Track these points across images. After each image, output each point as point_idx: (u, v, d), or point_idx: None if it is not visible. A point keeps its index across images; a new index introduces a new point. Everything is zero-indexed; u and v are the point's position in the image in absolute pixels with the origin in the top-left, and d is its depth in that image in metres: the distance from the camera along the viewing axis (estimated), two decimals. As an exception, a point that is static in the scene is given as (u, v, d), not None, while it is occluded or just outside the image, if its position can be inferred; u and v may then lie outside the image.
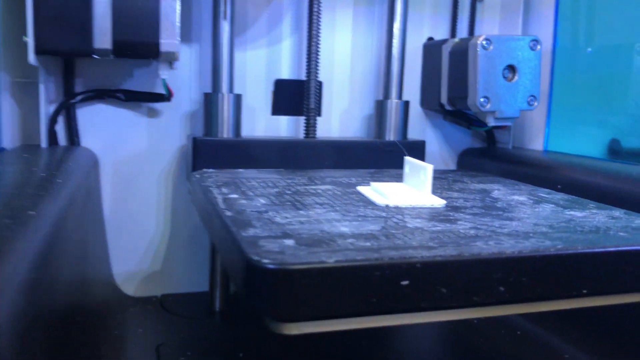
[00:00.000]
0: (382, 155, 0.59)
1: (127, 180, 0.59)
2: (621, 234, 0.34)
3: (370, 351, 0.49)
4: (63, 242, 0.34)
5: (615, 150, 0.63)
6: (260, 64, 0.61)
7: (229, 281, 0.58)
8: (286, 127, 0.63)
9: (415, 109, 0.67)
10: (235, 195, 0.40)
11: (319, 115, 0.63)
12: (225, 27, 0.55)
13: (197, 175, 0.48)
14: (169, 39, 0.51)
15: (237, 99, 0.57)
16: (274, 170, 0.53)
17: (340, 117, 0.65)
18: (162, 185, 0.59)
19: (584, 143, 0.67)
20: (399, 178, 0.46)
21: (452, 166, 0.69)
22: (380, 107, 0.63)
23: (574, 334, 0.51)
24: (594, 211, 0.40)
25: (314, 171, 0.53)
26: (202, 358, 0.48)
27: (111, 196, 0.58)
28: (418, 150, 0.61)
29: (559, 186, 0.55)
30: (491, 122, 0.59)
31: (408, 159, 0.44)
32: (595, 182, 0.52)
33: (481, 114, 0.59)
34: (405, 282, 0.27)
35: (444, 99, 0.62)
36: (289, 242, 0.29)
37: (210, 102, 0.56)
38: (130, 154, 0.58)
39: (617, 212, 0.40)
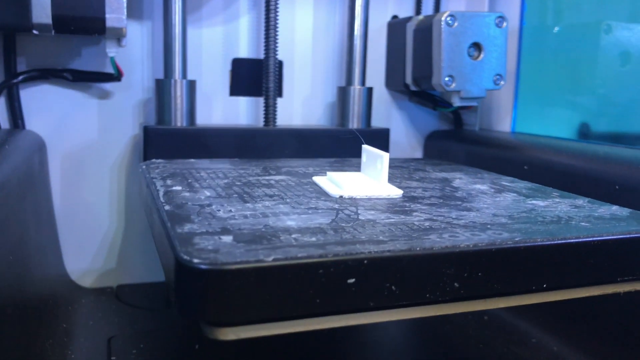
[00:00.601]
0: (345, 143, 0.56)
1: (78, 167, 0.55)
2: (583, 224, 0.32)
3: (329, 350, 0.47)
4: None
5: (585, 134, 0.62)
6: (217, 42, 0.58)
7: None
8: (245, 114, 0.59)
9: (380, 90, 0.64)
10: (178, 188, 0.37)
11: (280, 96, 0.60)
12: (177, 3, 0.52)
13: (144, 166, 0.44)
14: (115, 13, 0.47)
15: (191, 85, 0.53)
16: (228, 160, 0.49)
17: (302, 103, 0.61)
18: (115, 172, 0.56)
19: (552, 125, 0.65)
20: (359, 167, 0.43)
21: (419, 150, 0.67)
22: (343, 94, 0.60)
23: (540, 318, 0.50)
24: (557, 200, 0.38)
25: (270, 161, 0.50)
26: (155, 351, 0.46)
27: (61, 183, 0.55)
28: (382, 138, 0.58)
29: (525, 167, 0.54)
30: (457, 102, 0.57)
31: (366, 147, 0.42)
32: (562, 162, 0.50)
33: (446, 94, 0.57)
34: (351, 280, 0.25)
35: (408, 79, 0.60)
36: (227, 238, 0.26)
37: (162, 88, 0.53)
38: (80, 139, 0.55)
39: (581, 201, 0.38)
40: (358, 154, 0.54)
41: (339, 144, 0.56)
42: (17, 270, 0.38)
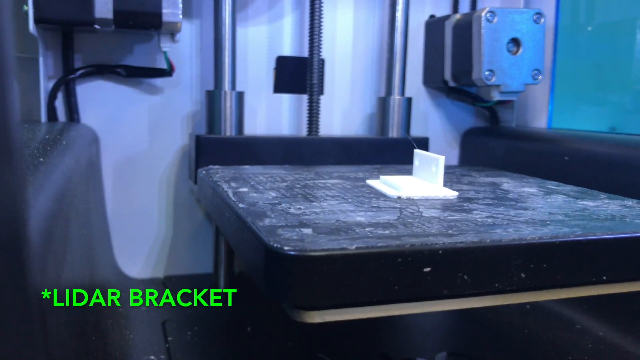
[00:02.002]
0: (386, 151, 0.57)
1: (129, 162, 0.56)
2: (637, 221, 0.32)
3: (380, 336, 0.47)
4: (72, 197, 0.33)
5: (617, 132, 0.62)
6: (262, 40, 0.58)
7: (233, 262, 0.56)
8: (288, 112, 0.60)
9: (419, 88, 0.65)
10: (245, 189, 0.38)
11: (322, 93, 0.61)
12: (227, 2, 0.53)
13: (204, 172, 0.46)
14: (171, 8, 0.49)
15: (240, 96, 0.54)
16: (279, 166, 0.50)
17: (342, 114, 0.62)
18: (166, 168, 0.58)
19: (588, 122, 0.66)
20: (405, 173, 0.43)
21: (456, 147, 0.67)
22: (383, 105, 0.60)
23: (584, 305, 0.50)
24: (606, 201, 0.38)
25: (319, 167, 0.50)
26: (210, 332, 0.47)
27: (113, 174, 0.57)
28: (422, 146, 0.58)
29: (566, 158, 0.54)
30: (496, 96, 0.57)
31: (418, 151, 0.42)
32: (603, 152, 0.51)
33: (486, 89, 0.57)
34: (427, 269, 0.26)
35: (447, 75, 0.60)
36: (307, 230, 0.27)
37: (212, 99, 0.53)
38: (131, 134, 0.56)
39: (630, 202, 0.38)
40: (399, 162, 0.55)
41: (380, 152, 0.57)
42: (87, 250, 0.40)
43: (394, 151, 0.56)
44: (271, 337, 0.45)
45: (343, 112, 0.62)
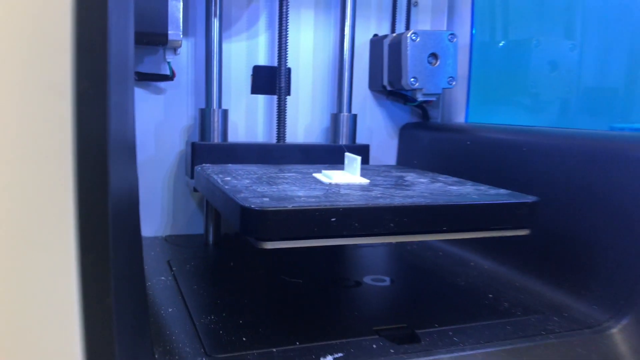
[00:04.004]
0: (336, 155, 0.71)
1: (141, 163, 0.69)
2: (473, 196, 0.47)
3: (319, 261, 0.63)
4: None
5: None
6: (242, 53, 0.74)
7: (219, 227, 0.72)
8: (262, 110, 0.75)
9: (366, 91, 0.81)
10: (228, 178, 0.52)
11: (289, 94, 0.77)
12: (215, 24, 0.69)
13: (199, 168, 0.61)
14: (174, 30, 0.64)
15: (224, 113, 0.69)
16: (254, 164, 0.65)
17: (305, 126, 0.77)
18: (169, 167, 0.72)
19: (495, 117, 0.83)
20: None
21: (395, 137, 0.83)
22: (335, 119, 0.75)
23: (477, 249, 0.66)
24: (467, 186, 0.52)
25: (283, 165, 0.65)
26: (204, 265, 0.62)
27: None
28: (364, 151, 0.73)
29: (468, 142, 0.70)
30: (419, 97, 0.73)
31: (346, 153, 0.57)
32: (498, 137, 0.67)
33: (412, 91, 0.74)
34: (333, 219, 0.40)
35: (385, 81, 0.77)
36: (265, 199, 0.42)
37: (204, 116, 0.68)
38: (141, 143, 0.69)
39: (483, 187, 0.52)
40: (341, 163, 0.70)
41: (332, 156, 0.71)
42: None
43: (342, 155, 0.72)
44: (246, 268, 0.61)
45: (305, 125, 0.77)
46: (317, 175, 0.56)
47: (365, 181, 0.53)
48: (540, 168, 0.56)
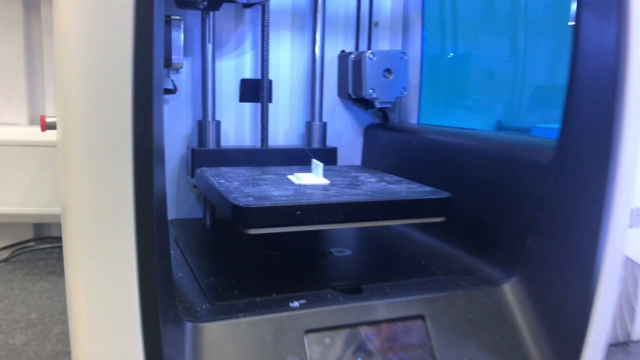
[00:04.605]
0: (309, 157, 0.85)
1: None
2: (403, 193, 0.63)
3: (297, 244, 0.79)
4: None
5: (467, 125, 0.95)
6: (231, 68, 0.90)
7: (214, 213, 0.88)
8: (249, 114, 0.90)
9: (335, 97, 0.97)
10: (222, 181, 0.67)
11: (270, 101, 0.93)
12: (209, 47, 0.84)
13: (199, 171, 0.75)
14: (176, 55, 0.80)
15: (217, 124, 0.83)
16: (243, 167, 0.79)
17: (284, 132, 0.92)
18: (173, 168, 0.87)
19: (443, 118, 0.99)
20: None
21: (360, 136, 0.99)
22: (309, 126, 0.90)
23: (421, 228, 0.82)
24: (403, 185, 0.67)
25: (267, 167, 0.79)
26: (203, 242, 0.78)
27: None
28: (332, 154, 0.89)
29: (414, 142, 0.86)
30: (377, 104, 0.89)
31: (314, 160, 0.72)
32: (435, 138, 0.83)
33: (371, 100, 0.90)
34: (298, 212, 0.56)
35: (350, 90, 0.92)
36: (250, 198, 0.57)
37: (201, 126, 0.83)
38: None
39: (414, 185, 0.67)
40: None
41: (307, 157, 0.86)
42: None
43: (315, 156, 0.87)
44: (236, 244, 0.77)
45: (285, 130, 0.92)
46: (290, 177, 0.71)
47: (326, 182, 0.68)
48: (462, 166, 0.73)
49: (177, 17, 0.78)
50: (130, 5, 0.39)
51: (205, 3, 0.74)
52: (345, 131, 0.96)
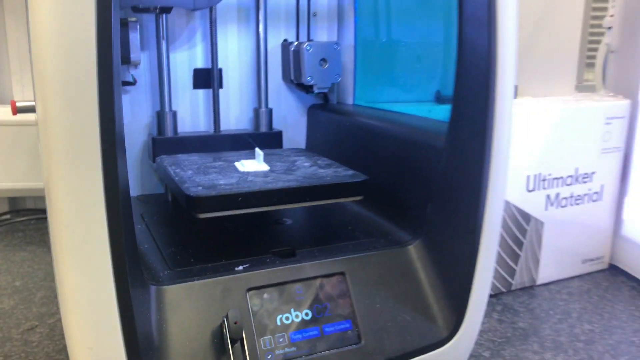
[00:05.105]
0: (259, 139, 0.98)
1: None
2: (327, 178, 0.73)
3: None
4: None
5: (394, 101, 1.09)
6: (185, 59, 1.00)
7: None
8: (202, 99, 1.01)
9: (280, 81, 1.09)
10: (178, 170, 0.76)
11: (221, 87, 1.04)
12: (163, 43, 0.94)
13: (158, 159, 0.85)
14: (135, 53, 0.90)
15: (174, 114, 0.94)
16: (197, 154, 0.88)
17: (235, 117, 1.03)
18: (137, 153, 0.98)
19: (376, 97, 1.12)
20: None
21: (305, 115, 1.12)
22: (257, 113, 1.01)
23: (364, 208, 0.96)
24: (330, 169, 0.76)
25: (218, 153, 0.90)
26: (166, 217, 0.90)
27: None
28: (278, 137, 1.00)
29: (347, 124, 0.99)
30: (315, 90, 1.01)
31: (256, 149, 0.84)
32: (364, 122, 0.96)
33: (310, 86, 1.02)
34: (240, 198, 0.68)
35: (292, 77, 1.04)
36: (200, 187, 0.69)
37: (159, 117, 0.93)
38: None
39: (340, 169, 0.77)
40: (264, 147, 0.98)
41: (255, 140, 0.98)
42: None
43: (264, 140, 0.99)
44: (194, 220, 0.90)
45: (235, 115, 1.03)
46: (237, 164, 0.83)
47: (266, 168, 0.80)
48: (380, 146, 0.86)
49: (133, 20, 0.88)
50: (92, 11, 0.48)
51: (158, 10, 0.84)
52: (290, 113, 1.08)
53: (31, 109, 1.02)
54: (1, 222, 1.50)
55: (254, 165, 0.82)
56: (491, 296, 1.05)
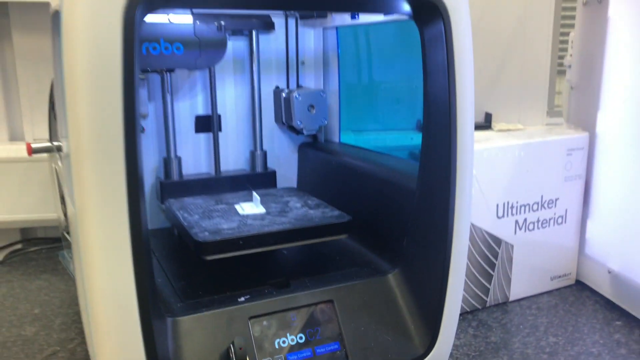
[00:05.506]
0: (255, 180, 1.08)
1: None
2: (316, 219, 0.83)
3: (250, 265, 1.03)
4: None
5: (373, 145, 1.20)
6: (187, 106, 1.11)
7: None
8: (204, 142, 1.12)
9: (273, 123, 1.18)
10: (186, 215, 0.85)
11: (220, 130, 1.15)
12: (168, 97, 1.05)
13: (167, 204, 0.93)
14: (143, 106, 1.01)
15: (179, 159, 1.04)
16: (201, 197, 0.96)
17: (234, 159, 1.13)
18: (147, 193, 1.10)
19: (356, 140, 1.23)
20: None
21: (295, 152, 1.23)
22: (253, 155, 1.12)
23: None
24: (320, 209, 0.86)
25: (219, 195, 0.97)
26: (173, 250, 1.01)
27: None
28: (272, 177, 1.08)
29: (333, 163, 1.10)
30: (305, 132, 1.12)
31: (254, 192, 0.92)
32: (347, 161, 1.08)
33: (299, 129, 1.13)
34: (241, 242, 0.77)
35: (283, 120, 1.15)
36: (207, 233, 0.80)
37: (166, 163, 1.04)
38: None
39: (327, 209, 0.86)
40: (261, 187, 1.09)
41: (251, 181, 1.08)
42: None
43: (260, 180, 1.09)
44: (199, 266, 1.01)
45: (234, 157, 1.13)
46: (237, 207, 0.94)
47: (263, 211, 0.89)
48: (363, 185, 0.97)
49: (142, 77, 0.99)
50: (119, 76, 0.58)
51: (164, 70, 0.96)
52: (282, 151, 1.19)
53: (44, 150, 1.13)
54: (15, 252, 1.60)
55: (251, 208, 0.93)
56: (467, 313, 1.17)
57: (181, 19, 0.92)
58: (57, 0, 0.66)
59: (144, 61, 0.92)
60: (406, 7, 0.73)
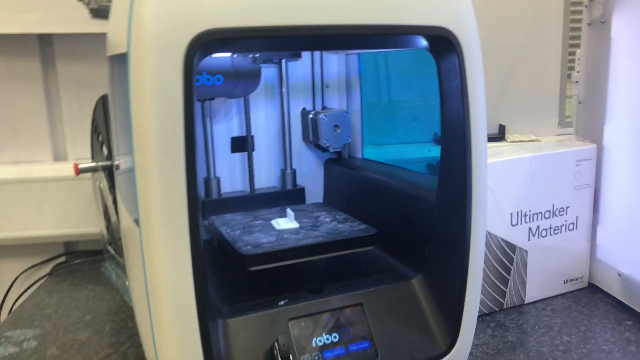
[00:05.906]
0: (289, 196, 1.16)
1: None
2: (346, 232, 0.87)
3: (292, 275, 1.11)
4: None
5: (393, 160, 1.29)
6: (223, 129, 1.20)
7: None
8: (239, 162, 1.21)
9: (301, 142, 1.28)
10: (229, 230, 0.88)
11: (253, 150, 1.25)
12: (208, 122, 1.14)
13: (210, 220, 0.97)
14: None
15: (217, 179, 1.13)
16: (240, 213, 1.00)
17: (266, 177, 1.22)
18: None
19: (378, 156, 1.32)
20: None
21: (322, 168, 1.33)
22: (284, 174, 1.21)
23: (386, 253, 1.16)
24: (348, 223, 0.88)
25: (256, 211, 1.02)
26: (216, 259, 1.06)
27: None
28: (302, 194, 1.13)
29: (357, 177, 1.19)
30: (330, 149, 1.21)
31: (287, 208, 0.95)
32: (370, 176, 1.17)
33: (326, 147, 1.23)
34: (279, 254, 0.80)
35: (310, 139, 1.23)
36: (250, 247, 0.87)
37: (207, 183, 1.13)
38: None
39: (355, 223, 0.89)
40: (293, 203, 1.17)
41: (284, 197, 1.16)
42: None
43: (291, 196, 1.17)
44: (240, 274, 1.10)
45: (267, 175, 1.21)
46: (273, 222, 0.96)
47: (296, 225, 0.93)
48: (386, 199, 1.07)
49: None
50: (180, 102, 0.64)
51: (206, 99, 1.06)
52: (310, 168, 1.28)
53: (90, 170, 1.25)
54: (61, 264, 1.71)
55: (286, 223, 1.02)
56: (485, 315, 1.25)
57: (220, 53, 1.02)
58: (121, 45, 0.77)
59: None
60: (424, 43, 0.82)
